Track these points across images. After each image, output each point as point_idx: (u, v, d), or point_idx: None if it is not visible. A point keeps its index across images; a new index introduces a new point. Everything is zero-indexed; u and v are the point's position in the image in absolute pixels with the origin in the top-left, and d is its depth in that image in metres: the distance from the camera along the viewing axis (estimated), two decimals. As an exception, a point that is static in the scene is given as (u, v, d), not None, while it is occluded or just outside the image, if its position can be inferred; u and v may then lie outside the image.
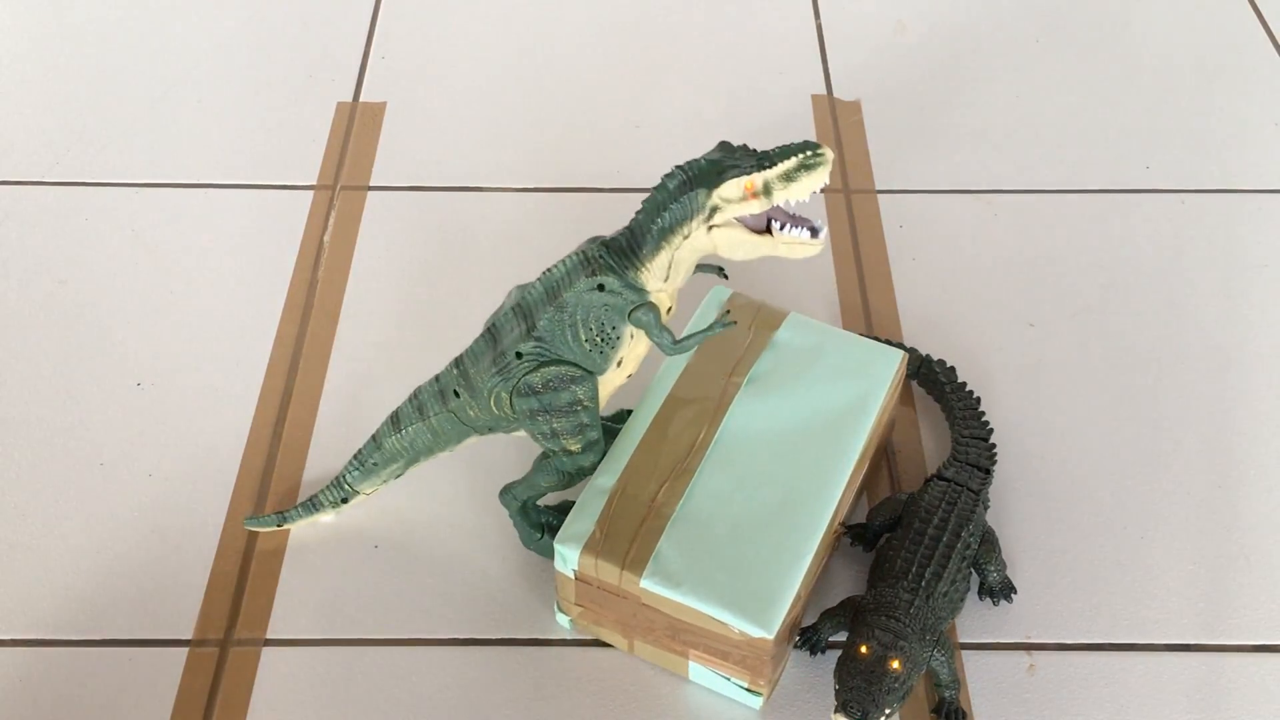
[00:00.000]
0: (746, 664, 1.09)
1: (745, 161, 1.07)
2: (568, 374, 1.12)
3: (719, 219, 1.08)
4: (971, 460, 1.23)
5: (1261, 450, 1.33)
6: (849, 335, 1.26)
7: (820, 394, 1.20)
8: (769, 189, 1.06)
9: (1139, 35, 1.84)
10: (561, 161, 1.64)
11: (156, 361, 1.40)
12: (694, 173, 1.07)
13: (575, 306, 1.10)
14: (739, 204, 1.07)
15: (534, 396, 1.12)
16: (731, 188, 1.06)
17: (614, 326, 1.11)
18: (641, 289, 1.11)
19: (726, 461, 1.15)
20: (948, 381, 1.32)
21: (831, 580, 1.22)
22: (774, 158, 1.06)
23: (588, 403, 1.13)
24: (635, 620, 1.12)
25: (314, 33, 1.83)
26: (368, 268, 1.50)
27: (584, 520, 1.11)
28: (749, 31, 1.84)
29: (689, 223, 1.08)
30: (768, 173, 1.05)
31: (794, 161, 1.05)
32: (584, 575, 1.11)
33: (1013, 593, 1.20)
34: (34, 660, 1.16)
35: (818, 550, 1.11)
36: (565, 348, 1.12)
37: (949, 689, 1.12)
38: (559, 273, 1.10)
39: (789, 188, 1.06)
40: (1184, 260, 1.53)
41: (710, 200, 1.07)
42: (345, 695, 1.14)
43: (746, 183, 1.06)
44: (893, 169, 1.63)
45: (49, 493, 1.28)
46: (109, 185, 1.60)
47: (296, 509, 1.23)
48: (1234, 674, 1.16)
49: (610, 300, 1.10)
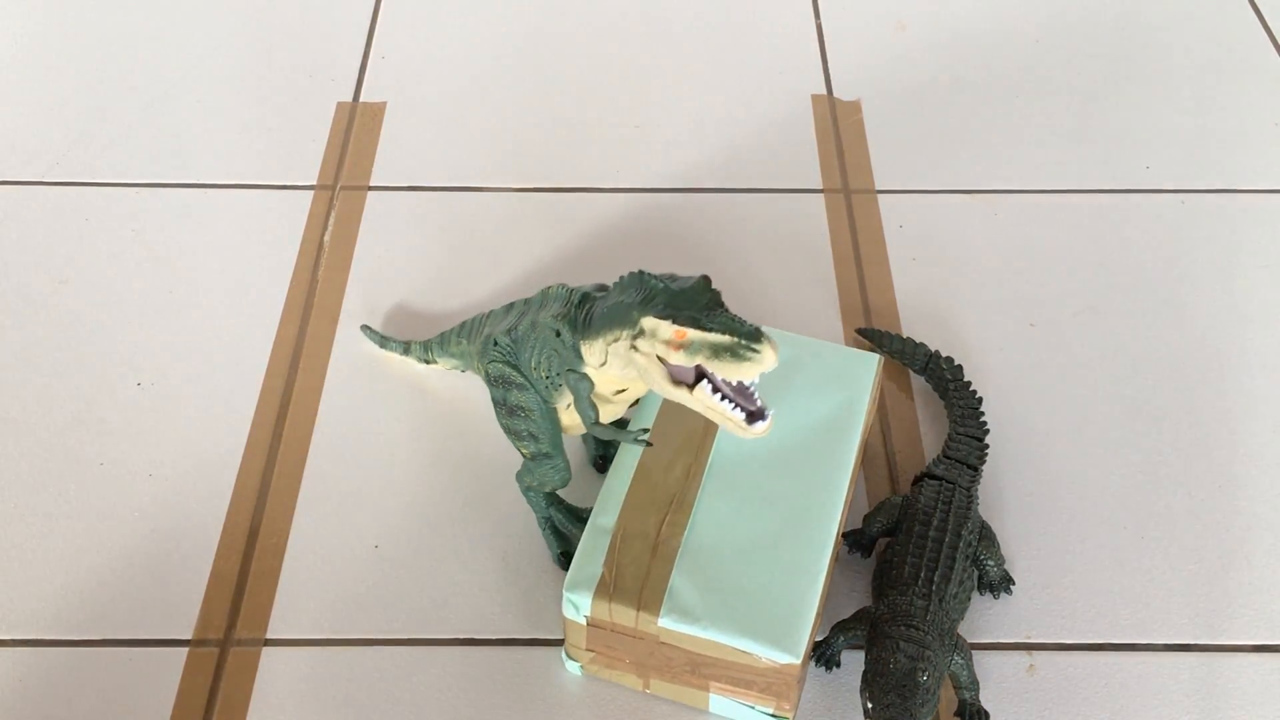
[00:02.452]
0: (772, 690, 1.07)
1: (692, 308, 0.98)
2: (516, 380, 1.15)
3: (643, 347, 1.00)
4: (960, 457, 1.23)
5: (1261, 450, 1.33)
6: (823, 344, 1.26)
7: (805, 406, 1.20)
8: (694, 350, 0.97)
9: (1139, 35, 1.84)
10: (561, 161, 1.64)
11: (156, 362, 1.40)
12: (646, 289, 1.01)
13: (540, 334, 1.12)
14: (664, 346, 0.99)
15: (492, 385, 1.18)
16: (663, 327, 0.98)
17: (558, 373, 1.12)
18: (580, 358, 1.08)
19: (723, 486, 1.14)
20: (953, 379, 1.32)
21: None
22: (712, 322, 0.97)
23: (535, 415, 1.15)
24: (652, 659, 1.10)
25: (314, 33, 1.83)
26: (368, 268, 1.50)
27: (591, 564, 1.09)
28: (749, 31, 1.84)
29: (619, 331, 1.02)
30: (696, 333, 0.97)
31: (724, 340, 0.96)
32: (597, 620, 1.08)
33: (1011, 584, 1.20)
34: (34, 660, 1.16)
35: (829, 565, 1.10)
36: (522, 359, 1.15)
37: (969, 690, 1.11)
38: (551, 295, 1.13)
39: (713, 363, 0.96)
40: (1184, 260, 1.53)
41: (640, 324, 1.00)
42: (345, 695, 1.14)
43: (676, 330, 0.98)
44: (893, 169, 1.63)
45: (49, 493, 1.28)
46: (109, 185, 1.60)
47: (399, 343, 1.37)
48: (1234, 674, 1.16)
49: (559, 349, 1.10)
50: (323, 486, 1.29)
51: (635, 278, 1.03)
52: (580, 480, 1.29)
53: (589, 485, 1.28)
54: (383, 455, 1.32)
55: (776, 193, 1.60)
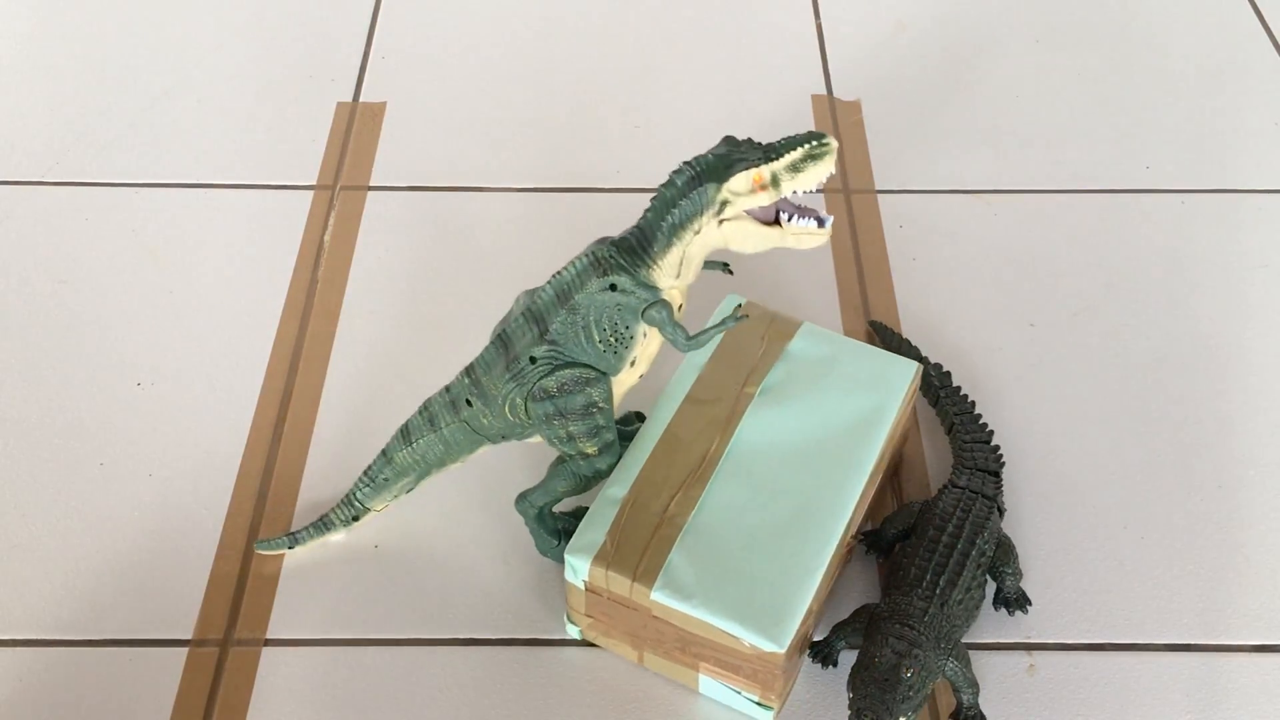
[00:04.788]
0: (757, 677, 1.08)
1: (752, 154, 1.07)
2: (582, 376, 1.11)
3: (729, 212, 1.08)
4: (979, 465, 1.23)
5: (1261, 450, 1.33)
6: (863, 346, 1.26)
7: (834, 405, 1.19)
8: (777, 180, 1.06)
9: (1139, 35, 1.84)
10: (561, 161, 1.64)
11: (156, 361, 1.40)
12: (702, 168, 1.07)
13: (588, 308, 1.10)
14: (748, 197, 1.07)
15: (549, 400, 1.12)
16: (740, 181, 1.06)
17: (627, 326, 1.11)
18: (654, 287, 1.10)
19: (739, 473, 1.14)
20: (942, 386, 1.32)
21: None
22: (780, 149, 1.06)
23: (603, 404, 1.13)
24: (645, 632, 1.11)
25: (314, 33, 1.83)
26: (368, 268, 1.50)
27: (595, 530, 1.10)
28: (749, 31, 1.84)
29: (699, 218, 1.08)
30: (775, 164, 1.06)
31: (800, 152, 1.06)
32: (594, 586, 1.10)
33: (1028, 604, 1.19)
34: (34, 660, 1.16)
35: (830, 564, 1.10)
36: (579, 350, 1.11)
37: (966, 693, 1.10)
38: (569, 275, 1.10)
39: (796, 178, 1.06)
40: (1184, 260, 1.53)
41: (720, 195, 1.07)
42: (345, 695, 1.14)
43: (755, 175, 1.06)
44: (893, 169, 1.63)
45: (49, 493, 1.28)
46: (109, 185, 1.60)
47: (307, 529, 1.22)
48: (1234, 674, 1.16)
49: (623, 300, 1.10)
50: (323, 486, 1.29)
51: (672, 182, 1.08)
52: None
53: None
54: (383, 455, 1.32)
55: (776, 193, 1.60)
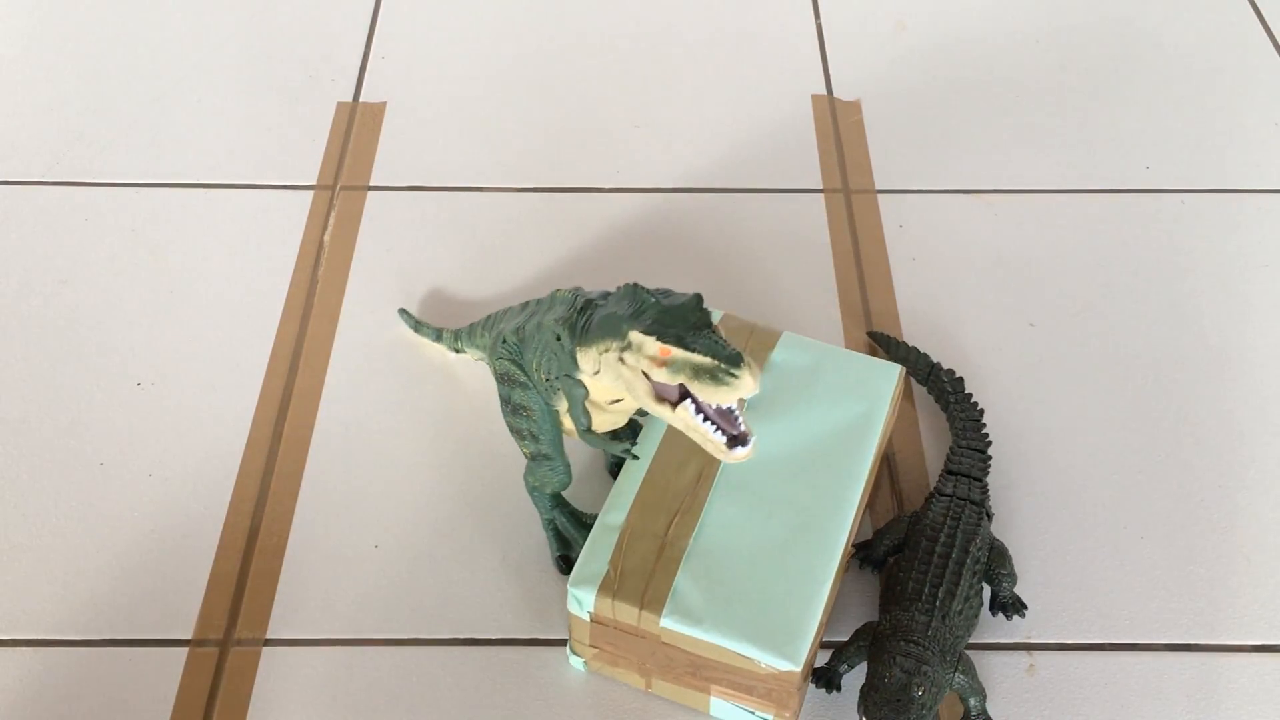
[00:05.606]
0: (772, 697, 1.06)
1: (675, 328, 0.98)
2: (519, 378, 1.17)
3: (629, 360, 1.01)
4: (964, 470, 1.23)
5: (1261, 450, 1.33)
6: (845, 352, 1.25)
7: (822, 414, 1.19)
8: (679, 369, 0.97)
9: (1139, 35, 1.84)
10: (562, 161, 1.64)
11: (156, 361, 1.40)
12: (636, 304, 1.02)
13: (543, 334, 1.12)
14: (649, 361, 0.99)
15: (499, 381, 1.19)
16: (649, 344, 0.99)
17: (556, 376, 1.12)
18: (576, 364, 1.08)
19: (734, 491, 1.13)
20: (953, 391, 1.32)
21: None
22: (696, 344, 0.97)
23: (536, 415, 1.16)
24: (654, 659, 1.10)
25: (314, 33, 1.83)
26: (368, 268, 1.50)
27: (597, 560, 1.09)
28: (749, 31, 1.84)
29: (609, 342, 1.03)
30: (681, 352, 0.97)
31: (707, 362, 0.96)
32: (600, 617, 1.09)
33: (1023, 609, 1.19)
34: (34, 660, 1.16)
35: (835, 575, 1.09)
36: (526, 358, 1.16)
37: (974, 700, 1.10)
38: (558, 298, 1.13)
39: (693, 384, 0.96)
40: (1184, 260, 1.53)
41: (628, 338, 1.00)
42: (345, 695, 1.14)
43: (660, 348, 0.98)
44: (893, 169, 1.63)
45: (49, 493, 1.28)
46: (109, 185, 1.60)
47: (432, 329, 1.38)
48: (1234, 674, 1.16)
49: (558, 353, 1.10)
50: (323, 486, 1.29)
51: (629, 289, 1.03)
52: (595, 484, 1.29)
53: (602, 489, 1.28)
54: (382, 455, 1.32)
55: (776, 193, 1.60)
